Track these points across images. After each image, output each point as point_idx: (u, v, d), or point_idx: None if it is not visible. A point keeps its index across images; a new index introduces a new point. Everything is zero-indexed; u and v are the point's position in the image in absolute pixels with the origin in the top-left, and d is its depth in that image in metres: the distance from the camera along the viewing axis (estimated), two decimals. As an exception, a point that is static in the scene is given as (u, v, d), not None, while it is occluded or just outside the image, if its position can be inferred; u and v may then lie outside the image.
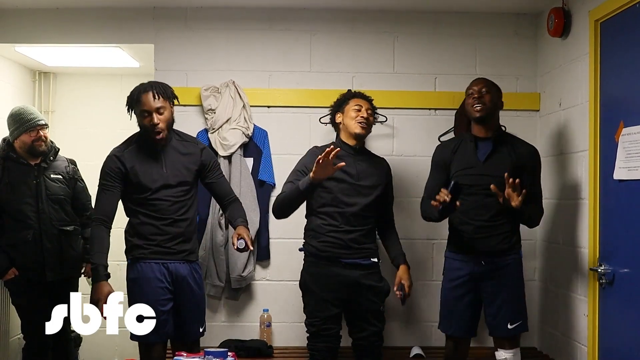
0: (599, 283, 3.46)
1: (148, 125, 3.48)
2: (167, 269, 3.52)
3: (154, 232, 3.52)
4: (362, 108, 3.74)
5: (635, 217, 3.21)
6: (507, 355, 3.60)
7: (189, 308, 3.61)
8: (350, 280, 3.66)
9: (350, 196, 3.68)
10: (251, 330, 4.36)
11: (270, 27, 4.45)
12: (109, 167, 3.53)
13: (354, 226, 3.67)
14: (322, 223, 3.69)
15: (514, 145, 3.66)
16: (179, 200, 3.56)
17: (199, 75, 4.37)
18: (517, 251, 3.64)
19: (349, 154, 3.73)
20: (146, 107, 3.47)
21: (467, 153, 3.64)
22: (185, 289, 3.58)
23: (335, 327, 3.68)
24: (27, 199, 4.15)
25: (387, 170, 3.88)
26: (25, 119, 4.16)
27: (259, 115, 4.41)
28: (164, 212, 3.51)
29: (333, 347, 3.69)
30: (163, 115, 3.49)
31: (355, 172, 3.71)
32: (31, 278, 4.13)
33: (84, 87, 5.68)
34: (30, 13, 4.42)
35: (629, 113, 3.27)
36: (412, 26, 4.47)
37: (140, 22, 4.44)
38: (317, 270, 3.70)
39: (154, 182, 3.50)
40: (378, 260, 3.77)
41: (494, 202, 3.48)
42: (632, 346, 3.23)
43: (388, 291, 3.77)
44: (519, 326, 3.59)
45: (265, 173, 4.36)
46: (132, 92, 3.56)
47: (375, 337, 3.72)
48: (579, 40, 3.85)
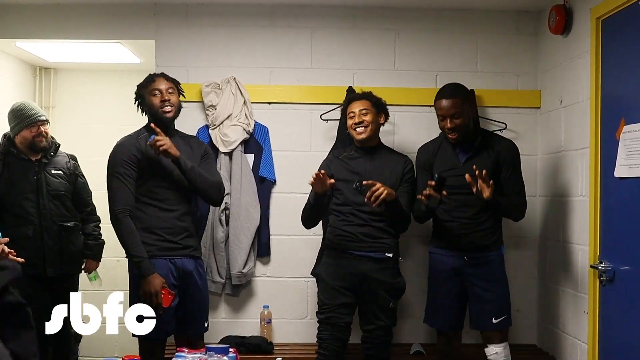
0: (600, 280, 3.47)
1: (158, 102, 3.57)
2: (174, 265, 3.56)
3: (159, 225, 3.54)
4: (355, 114, 3.78)
5: (636, 214, 3.21)
6: (497, 350, 3.66)
7: (195, 303, 3.65)
8: (359, 272, 3.69)
9: (360, 196, 3.68)
10: (251, 327, 4.36)
11: (271, 23, 4.45)
12: (122, 153, 3.54)
13: (366, 221, 3.72)
14: (337, 219, 3.78)
15: (492, 143, 3.73)
16: (186, 193, 3.62)
17: (200, 72, 4.37)
18: (498, 248, 3.72)
19: (360, 155, 3.83)
20: (157, 86, 3.60)
21: (448, 155, 3.74)
22: (191, 284, 3.62)
23: (344, 318, 3.70)
24: (27, 194, 4.15)
25: (404, 166, 3.84)
26: (26, 114, 4.16)
27: (260, 112, 4.41)
28: (172, 203, 3.53)
29: (340, 337, 3.70)
30: (172, 95, 3.62)
31: (364, 172, 3.74)
32: (31, 273, 4.11)
33: (84, 82, 5.67)
34: (31, 8, 4.42)
35: (630, 110, 3.27)
36: (414, 23, 4.46)
37: (141, 18, 4.43)
38: (329, 260, 3.79)
39: (162, 171, 3.54)
40: (395, 256, 3.77)
41: (475, 200, 3.58)
42: (633, 344, 3.23)
43: (403, 289, 3.79)
44: (503, 320, 3.66)
45: (266, 169, 4.36)
46: (141, 83, 3.68)
47: (382, 331, 3.72)
48: (580, 37, 3.84)
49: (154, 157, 3.50)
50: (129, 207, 3.48)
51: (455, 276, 3.70)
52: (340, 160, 3.86)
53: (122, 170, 3.50)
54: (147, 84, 3.64)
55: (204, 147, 3.83)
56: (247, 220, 4.21)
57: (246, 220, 4.20)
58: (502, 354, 3.65)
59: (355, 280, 3.70)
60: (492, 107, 4.41)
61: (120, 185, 3.49)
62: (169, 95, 3.60)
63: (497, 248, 3.71)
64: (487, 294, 3.64)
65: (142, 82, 3.68)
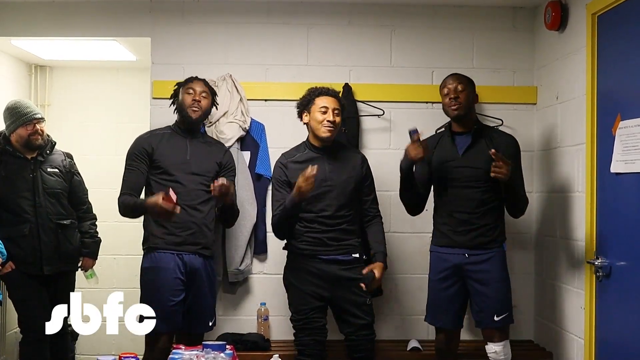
0: (596, 276, 3.47)
1: (190, 101, 3.75)
2: (182, 260, 3.63)
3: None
4: (329, 110, 3.66)
5: (632, 210, 3.22)
6: (497, 348, 3.64)
7: (201, 301, 3.69)
8: (330, 275, 3.66)
9: (322, 200, 3.66)
10: (249, 324, 4.36)
11: (267, 20, 4.44)
12: (134, 148, 3.76)
13: (330, 226, 3.67)
14: (300, 226, 3.69)
15: (492, 136, 3.72)
16: (197, 189, 3.68)
17: (196, 69, 4.34)
18: (500, 244, 3.70)
19: (317, 156, 3.72)
20: (194, 86, 3.80)
21: (446, 147, 3.72)
22: (198, 282, 3.67)
23: (320, 320, 3.68)
24: (23, 192, 4.14)
25: (361, 164, 3.80)
26: (21, 112, 4.15)
27: (256, 109, 4.40)
28: (180, 197, 3.53)
29: (320, 340, 3.68)
30: (205, 100, 3.80)
31: (324, 175, 3.66)
32: (28, 271, 4.12)
33: (80, 80, 5.66)
34: (26, 6, 4.40)
35: (626, 106, 3.27)
36: (410, 19, 4.46)
37: (137, 15, 4.43)
38: (298, 265, 3.72)
39: (174, 165, 3.68)
40: (362, 255, 3.75)
41: (474, 193, 3.60)
42: (629, 339, 3.24)
43: (373, 279, 3.66)
44: (505, 318, 3.64)
45: (262, 166, 4.36)
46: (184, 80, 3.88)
47: (365, 330, 3.69)
48: (576, 33, 3.85)
49: (161, 154, 3.69)
50: (129, 190, 3.67)
51: (456, 274, 3.67)
52: (295, 164, 3.70)
53: (132, 162, 3.72)
54: (186, 82, 3.83)
55: (225, 158, 3.89)
56: (243, 217, 4.20)
57: (243, 218, 4.19)
58: (501, 353, 3.63)
59: (327, 284, 3.66)
60: (488, 103, 4.41)
61: (128, 176, 3.72)
62: (201, 97, 3.77)
63: (498, 245, 3.68)
64: (488, 292, 3.61)
65: (183, 82, 3.86)
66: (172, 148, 3.74)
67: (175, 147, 3.75)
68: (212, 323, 3.80)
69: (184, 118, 3.78)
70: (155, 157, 3.70)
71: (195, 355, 2.96)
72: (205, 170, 3.75)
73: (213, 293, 3.85)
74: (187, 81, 3.84)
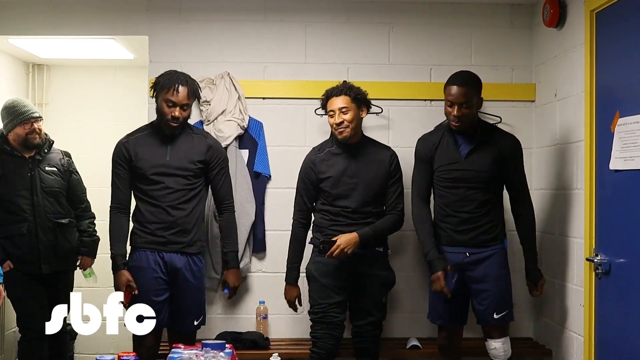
0: (595, 273, 3.47)
1: (169, 116, 3.59)
2: (162, 259, 3.60)
3: (151, 220, 3.60)
4: (335, 112, 3.70)
5: (631, 207, 3.21)
6: (496, 345, 3.66)
7: (184, 300, 3.65)
8: (352, 269, 3.70)
9: (346, 196, 3.70)
10: (247, 323, 4.36)
11: (265, 18, 4.43)
12: (116, 154, 3.71)
13: (354, 220, 3.71)
14: (324, 219, 3.76)
15: (495, 137, 3.71)
16: (179, 189, 3.62)
17: (194, 67, 4.34)
18: (501, 242, 3.70)
19: (343, 152, 3.77)
20: (174, 99, 3.58)
21: (449, 148, 3.69)
22: (179, 281, 3.62)
23: (339, 316, 3.70)
24: (21, 191, 4.13)
25: (390, 161, 3.82)
26: (19, 111, 4.14)
27: (254, 107, 4.39)
28: (161, 199, 3.59)
29: (335, 335, 3.70)
30: (186, 112, 3.65)
31: (351, 171, 3.73)
32: (26, 271, 4.11)
33: (78, 79, 5.65)
34: (23, 4, 4.39)
35: (625, 103, 3.27)
36: (408, 17, 4.45)
37: (134, 14, 4.41)
38: (320, 259, 3.75)
39: (153, 168, 3.61)
40: (385, 249, 3.80)
41: (476, 194, 3.61)
42: (628, 336, 3.24)
43: (393, 282, 3.82)
44: (505, 316, 3.65)
45: (260, 165, 4.35)
46: (165, 77, 3.63)
47: (372, 326, 3.75)
48: (574, 30, 3.84)
49: (139, 159, 3.63)
50: (118, 204, 3.69)
51: (457, 272, 3.66)
52: (322, 158, 3.80)
53: (115, 169, 3.70)
54: (167, 89, 3.58)
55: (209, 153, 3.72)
56: (242, 215, 4.19)
57: (241, 216, 4.18)
58: (501, 349, 3.65)
59: (349, 278, 3.71)
60: (486, 100, 4.33)
61: (114, 184, 3.71)
62: (181, 112, 3.60)
63: (499, 241, 3.69)
64: (488, 289, 3.62)
65: (164, 82, 3.60)
66: (151, 152, 3.65)
67: (155, 149, 3.65)
68: (198, 322, 3.72)
69: (162, 126, 3.65)
70: (134, 163, 3.63)
71: (195, 354, 2.95)
72: (186, 169, 3.65)
73: (200, 291, 3.78)
74: (169, 87, 3.58)
